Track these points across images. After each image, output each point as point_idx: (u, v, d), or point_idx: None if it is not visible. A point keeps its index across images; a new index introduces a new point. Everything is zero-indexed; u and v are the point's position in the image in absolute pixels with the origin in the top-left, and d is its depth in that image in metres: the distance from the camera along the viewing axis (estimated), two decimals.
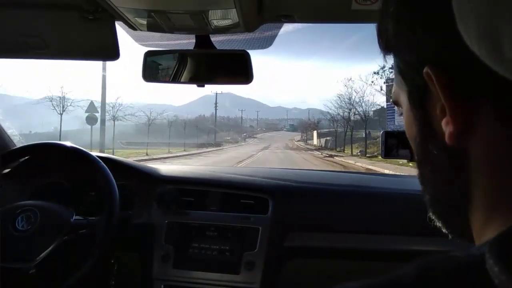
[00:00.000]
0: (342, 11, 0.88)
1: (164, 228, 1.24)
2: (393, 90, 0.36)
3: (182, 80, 1.08)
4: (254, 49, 1.16)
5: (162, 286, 1.20)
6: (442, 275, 0.24)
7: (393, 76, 0.37)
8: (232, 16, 0.85)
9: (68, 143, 1.19)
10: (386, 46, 0.34)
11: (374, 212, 1.26)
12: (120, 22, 0.92)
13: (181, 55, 1.07)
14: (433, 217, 0.34)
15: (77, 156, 1.16)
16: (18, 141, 1.41)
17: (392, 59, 0.35)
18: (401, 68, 0.32)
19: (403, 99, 0.33)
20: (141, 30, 0.95)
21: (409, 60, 0.30)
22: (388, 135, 1.01)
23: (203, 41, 0.99)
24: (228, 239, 1.22)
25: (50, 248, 0.97)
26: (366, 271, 1.24)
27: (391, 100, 0.39)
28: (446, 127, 0.27)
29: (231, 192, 1.32)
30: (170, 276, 1.20)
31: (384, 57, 0.35)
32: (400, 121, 0.52)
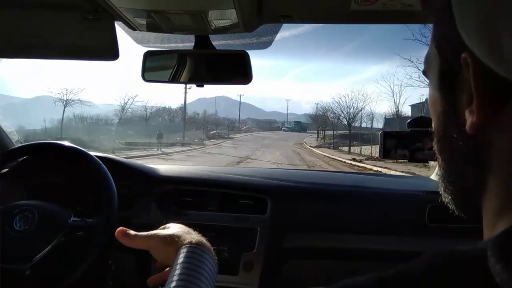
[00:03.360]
0: (341, 11, 0.89)
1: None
2: (425, 58, 0.35)
3: (182, 80, 1.08)
4: (254, 49, 1.16)
5: (160, 286, 1.20)
6: (451, 269, 0.24)
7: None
8: (232, 16, 0.85)
9: (66, 143, 1.19)
10: (429, 14, 0.32)
11: (373, 213, 1.26)
12: (120, 22, 0.92)
13: (181, 55, 1.07)
14: (444, 194, 0.34)
15: (75, 155, 1.16)
16: (17, 141, 1.41)
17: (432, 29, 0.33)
18: (437, 41, 0.31)
19: (433, 72, 0.32)
20: (140, 30, 0.95)
21: (449, 38, 0.29)
22: (386, 135, 1.01)
23: (202, 41, 0.99)
24: (226, 240, 1.22)
25: (46, 249, 0.96)
26: (366, 271, 1.24)
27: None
28: (469, 116, 0.27)
29: (230, 192, 1.31)
30: None
31: (424, 23, 0.34)
32: None
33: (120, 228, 0.67)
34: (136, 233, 0.66)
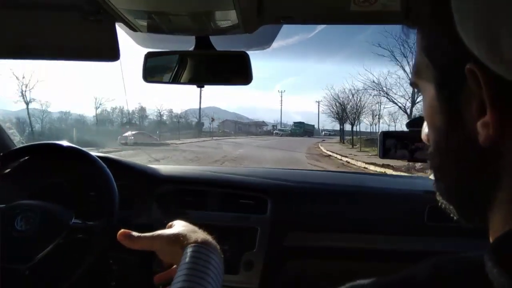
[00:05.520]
0: (340, 12, 0.89)
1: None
2: (412, 70, 0.33)
3: (182, 81, 1.08)
4: (254, 50, 1.16)
5: (161, 286, 1.20)
6: (454, 275, 0.24)
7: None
8: (232, 17, 0.86)
9: (65, 143, 1.19)
10: (413, 21, 0.31)
11: (373, 212, 1.26)
12: (121, 24, 0.93)
13: (181, 56, 1.08)
14: (447, 206, 0.33)
15: (77, 156, 1.16)
16: (18, 141, 1.41)
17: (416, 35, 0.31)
18: (430, 52, 0.29)
19: (427, 84, 0.31)
20: (141, 32, 0.95)
21: (443, 48, 0.28)
22: (386, 135, 1.01)
23: (203, 42, 1.00)
24: (227, 239, 1.22)
25: (46, 250, 0.96)
26: (366, 271, 1.24)
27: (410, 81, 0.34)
28: (484, 129, 0.25)
29: (231, 192, 1.32)
30: None
31: (404, 30, 0.32)
32: None
33: (122, 230, 0.65)
34: (140, 234, 0.65)
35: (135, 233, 0.65)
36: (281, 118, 62.84)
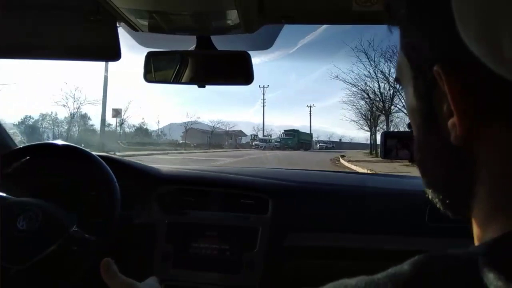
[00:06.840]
0: (342, 12, 0.89)
1: (164, 228, 1.25)
2: (396, 65, 0.34)
3: (183, 80, 1.08)
4: (255, 50, 1.16)
5: (162, 286, 1.20)
6: (440, 273, 0.24)
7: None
8: (233, 17, 0.86)
9: (60, 142, 1.20)
10: (394, 20, 0.31)
11: (374, 212, 1.26)
12: (123, 24, 0.93)
13: (182, 56, 1.08)
14: (433, 198, 0.33)
15: (78, 156, 1.16)
16: (20, 141, 1.41)
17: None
18: (408, 51, 0.30)
19: (407, 81, 0.32)
20: (142, 31, 0.95)
21: (418, 47, 0.28)
22: (387, 136, 1.01)
23: (204, 42, 1.00)
24: (228, 239, 1.22)
25: (43, 253, 0.95)
26: (366, 271, 1.24)
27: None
28: (453, 128, 0.26)
29: (231, 192, 1.32)
30: (170, 276, 1.20)
31: (389, 28, 0.33)
32: None
33: (108, 259, 0.64)
34: (118, 274, 0.65)
35: (116, 270, 0.64)
36: (263, 121, 47.75)
